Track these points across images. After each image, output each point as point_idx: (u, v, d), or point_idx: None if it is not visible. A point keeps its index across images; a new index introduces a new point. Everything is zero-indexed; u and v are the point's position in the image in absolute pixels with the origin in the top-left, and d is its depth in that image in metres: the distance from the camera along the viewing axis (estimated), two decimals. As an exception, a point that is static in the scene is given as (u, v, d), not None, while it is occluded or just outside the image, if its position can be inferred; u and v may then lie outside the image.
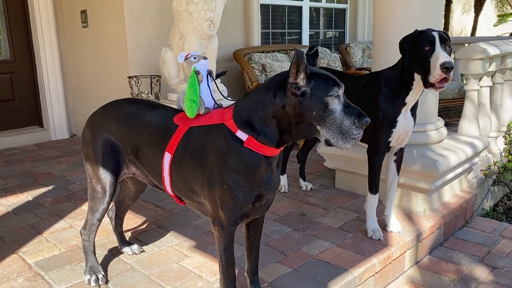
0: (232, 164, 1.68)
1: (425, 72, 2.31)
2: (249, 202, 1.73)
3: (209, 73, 1.94)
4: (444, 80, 2.27)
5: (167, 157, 1.87)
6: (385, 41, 3.09)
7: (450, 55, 2.33)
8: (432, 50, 2.29)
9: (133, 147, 2.03)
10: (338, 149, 3.33)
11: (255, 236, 1.98)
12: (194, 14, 3.82)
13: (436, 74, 2.26)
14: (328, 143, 1.61)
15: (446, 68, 2.22)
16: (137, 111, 2.05)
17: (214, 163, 1.72)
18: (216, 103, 1.92)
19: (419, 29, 2.39)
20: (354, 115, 1.58)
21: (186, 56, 1.98)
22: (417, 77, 2.39)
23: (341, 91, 1.60)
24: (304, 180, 3.52)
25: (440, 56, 2.25)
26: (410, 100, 2.48)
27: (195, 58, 1.94)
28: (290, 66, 1.54)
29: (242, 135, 1.67)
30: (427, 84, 2.32)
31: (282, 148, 1.74)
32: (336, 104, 1.58)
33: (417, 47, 2.34)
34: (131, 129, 2.02)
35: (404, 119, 2.53)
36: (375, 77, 2.61)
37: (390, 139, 2.56)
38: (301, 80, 1.55)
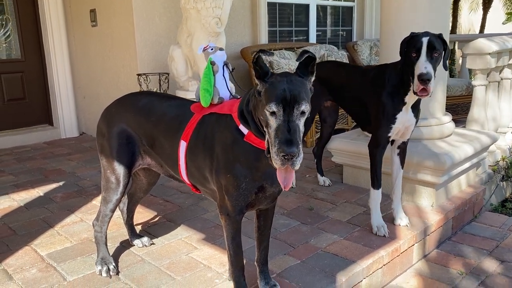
0: (235, 155, 1.73)
1: (412, 78, 2.33)
2: (252, 192, 1.76)
3: (226, 64, 1.98)
4: (424, 90, 2.26)
5: (183, 145, 1.92)
6: (392, 39, 3.09)
7: (437, 62, 2.30)
8: (417, 57, 2.28)
9: (149, 138, 2.07)
10: (345, 144, 3.36)
11: (265, 226, 2.01)
12: (202, 11, 3.86)
13: (416, 83, 2.28)
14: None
15: (422, 79, 2.22)
16: (154, 102, 2.09)
17: (220, 152, 1.77)
18: (232, 94, 1.96)
19: (415, 32, 2.39)
20: (277, 140, 1.47)
21: (204, 47, 2.02)
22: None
23: (276, 110, 1.49)
24: (322, 175, 3.53)
25: (420, 66, 2.25)
26: (409, 100, 2.48)
27: (212, 49, 1.99)
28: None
29: (243, 129, 1.72)
30: (413, 90, 2.35)
31: None
32: (269, 119, 1.52)
33: (407, 52, 2.35)
34: (147, 120, 2.06)
35: (404, 116, 2.53)
36: (381, 71, 2.63)
37: (389, 134, 2.58)
38: (256, 80, 1.57)
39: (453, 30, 11.71)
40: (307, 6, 6.35)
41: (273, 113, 1.50)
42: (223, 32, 4.12)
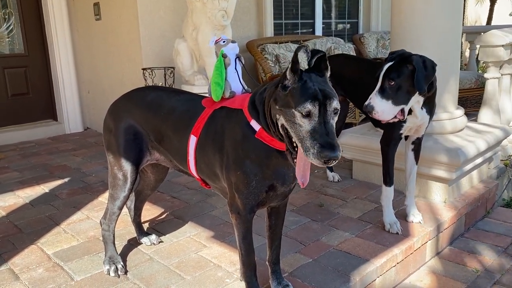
0: (245, 152, 1.67)
1: None
2: (262, 190, 1.71)
3: (238, 57, 1.90)
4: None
5: (193, 140, 1.86)
6: (403, 33, 3.01)
7: (400, 90, 2.21)
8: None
9: (157, 133, 2.01)
10: (355, 139, 3.29)
11: (276, 225, 1.95)
12: (207, 4, 3.79)
13: None
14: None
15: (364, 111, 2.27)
16: (162, 97, 2.03)
17: (230, 149, 1.71)
18: (244, 88, 1.89)
19: (395, 51, 2.36)
20: (317, 144, 1.40)
21: (216, 40, 1.95)
22: None
23: (312, 109, 1.43)
24: (331, 170, 3.47)
25: (370, 96, 2.26)
26: (414, 101, 2.35)
27: (224, 41, 1.92)
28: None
29: (255, 125, 1.65)
30: None
31: None
32: (302, 121, 1.45)
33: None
34: (156, 115, 2.00)
35: (417, 111, 2.45)
36: None
37: (401, 131, 2.52)
38: (288, 73, 1.50)
39: (459, 22, 11.46)
40: (313, -1, 6.26)
41: (307, 114, 1.43)
42: (229, 25, 4.05)
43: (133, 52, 4.68)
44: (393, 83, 2.21)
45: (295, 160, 1.53)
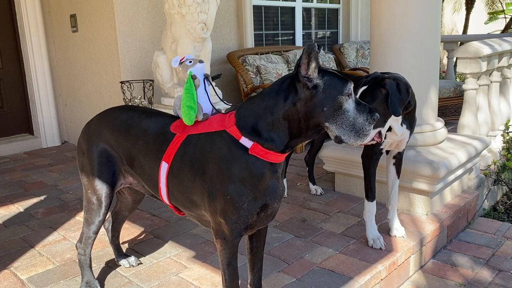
0: (235, 173, 1.61)
1: None
2: (254, 212, 1.65)
3: (206, 77, 1.86)
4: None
5: (164, 167, 1.79)
6: (383, 42, 3.03)
7: None
8: None
9: (128, 157, 1.94)
10: (337, 152, 3.27)
11: (258, 247, 1.90)
12: (187, 16, 3.74)
13: None
14: (338, 140, 1.57)
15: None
16: (133, 118, 1.96)
17: (215, 173, 1.64)
18: (215, 109, 1.84)
19: (369, 74, 2.35)
20: (366, 111, 1.56)
21: (180, 60, 1.89)
22: None
23: (352, 88, 1.56)
24: (314, 183, 3.44)
25: None
26: (391, 122, 2.35)
27: (190, 62, 1.86)
28: (301, 56, 1.50)
29: (246, 142, 1.60)
30: None
31: (287, 154, 1.67)
32: (349, 103, 1.55)
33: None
34: (126, 138, 1.93)
35: (396, 128, 2.44)
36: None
37: (381, 147, 2.51)
38: (313, 71, 1.51)
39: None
40: (292, 9, 6.28)
41: (350, 94, 1.55)
42: (209, 38, 4.01)
43: (111, 64, 4.59)
44: None
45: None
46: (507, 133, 4.15)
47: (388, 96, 2.17)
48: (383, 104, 2.19)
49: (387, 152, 2.65)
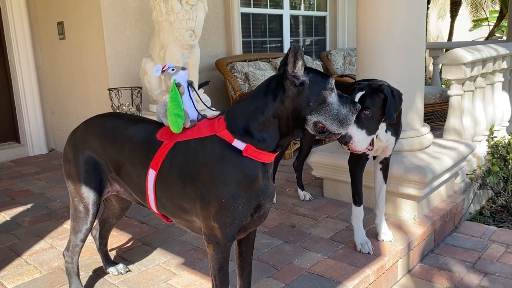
0: (230, 176, 1.62)
1: None
2: (248, 214, 1.67)
3: (190, 83, 1.87)
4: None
5: (151, 174, 1.79)
6: (369, 48, 3.07)
7: (372, 119, 2.21)
8: None
9: (115, 165, 1.93)
10: (325, 157, 3.30)
11: (247, 252, 1.91)
12: (175, 24, 3.75)
13: None
14: (320, 131, 1.63)
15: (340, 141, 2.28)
16: (118, 126, 1.95)
17: (208, 178, 1.64)
18: (200, 114, 1.85)
19: (361, 82, 2.35)
20: (348, 103, 1.65)
21: (162, 68, 1.89)
22: None
23: (334, 83, 1.65)
24: (302, 189, 3.46)
25: None
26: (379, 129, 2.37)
27: (173, 69, 1.86)
28: (287, 55, 1.56)
29: (239, 144, 1.63)
30: None
31: (278, 153, 1.70)
32: (332, 96, 1.63)
33: None
34: (112, 146, 1.92)
35: (381, 135, 2.47)
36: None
37: (367, 152, 2.53)
38: (300, 68, 1.57)
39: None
40: (280, 16, 6.33)
41: (332, 88, 1.63)
42: (197, 45, 4.03)
43: (98, 72, 4.58)
44: (368, 112, 2.19)
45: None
46: (492, 138, 4.22)
47: (385, 101, 2.21)
48: (381, 109, 2.23)
49: (374, 157, 2.68)
